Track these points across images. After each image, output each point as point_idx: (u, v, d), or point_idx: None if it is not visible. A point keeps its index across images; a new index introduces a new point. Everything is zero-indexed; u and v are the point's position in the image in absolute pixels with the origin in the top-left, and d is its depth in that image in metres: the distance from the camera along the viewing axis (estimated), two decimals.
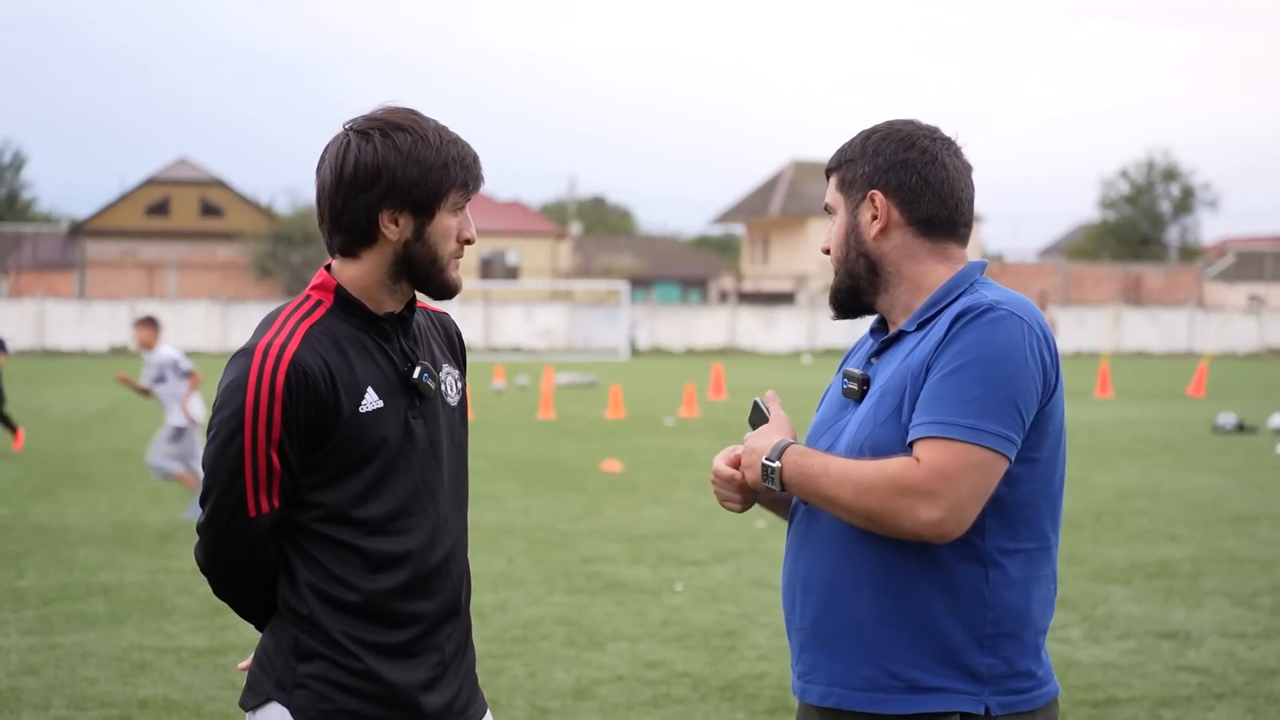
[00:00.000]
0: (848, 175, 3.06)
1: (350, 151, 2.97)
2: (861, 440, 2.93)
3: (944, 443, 2.81)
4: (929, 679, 2.88)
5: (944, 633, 2.88)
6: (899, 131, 3.05)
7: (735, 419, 24.83)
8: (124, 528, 12.64)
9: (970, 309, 2.89)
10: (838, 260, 3.08)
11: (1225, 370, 45.73)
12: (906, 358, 2.94)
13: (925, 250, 3.02)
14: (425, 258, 3.01)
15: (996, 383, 2.83)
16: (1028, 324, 2.88)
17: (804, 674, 3.02)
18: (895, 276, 3.03)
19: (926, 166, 3.02)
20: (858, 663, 2.93)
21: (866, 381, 3.02)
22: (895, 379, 2.93)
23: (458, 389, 3.17)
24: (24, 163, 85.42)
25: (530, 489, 15.44)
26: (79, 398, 29.71)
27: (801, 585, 3.01)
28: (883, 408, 2.92)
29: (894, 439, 2.89)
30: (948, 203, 3.02)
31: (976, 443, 2.80)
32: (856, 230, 3.04)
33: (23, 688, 7.44)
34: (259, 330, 2.98)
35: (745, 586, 10.12)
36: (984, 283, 3.01)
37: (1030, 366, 2.86)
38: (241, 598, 3.08)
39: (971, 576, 2.88)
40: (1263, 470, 17.38)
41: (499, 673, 7.75)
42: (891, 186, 3.01)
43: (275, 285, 62.28)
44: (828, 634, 2.96)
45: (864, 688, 2.92)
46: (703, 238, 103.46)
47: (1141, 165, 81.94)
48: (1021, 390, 2.84)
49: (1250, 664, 7.97)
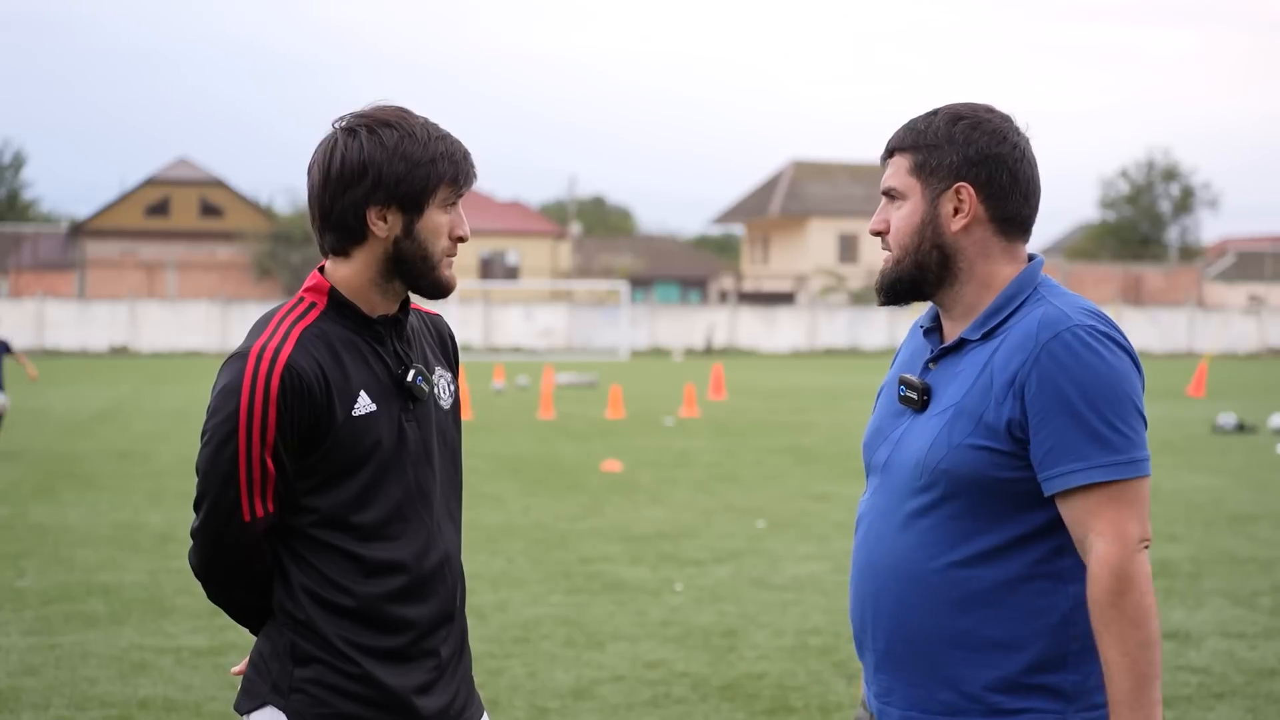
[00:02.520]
0: (931, 161, 2.89)
1: (337, 149, 2.96)
2: (936, 461, 2.82)
3: (1108, 487, 2.74)
4: (1010, 701, 2.81)
5: (1026, 653, 2.80)
6: (989, 121, 2.90)
7: (735, 419, 24.84)
8: (124, 528, 12.63)
9: (1055, 332, 2.78)
10: (906, 249, 2.92)
11: (1225, 370, 45.72)
12: (980, 375, 2.83)
13: (999, 249, 2.91)
14: (416, 255, 2.99)
15: (1121, 407, 2.76)
16: (1108, 333, 2.80)
17: (880, 695, 2.94)
18: (967, 273, 2.90)
19: (1018, 164, 2.89)
20: (936, 687, 2.85)
21: (928, 391, 2.90)
22: (971, 400, 2.82)
23: (450, 392, 3.16)
24: (24, 163, 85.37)
25: (530, 489, 15.43)
26: (79, 398, 29.70)
27: (873, 606, 2.92)
28: (958, 430, 2.81)
29: (972, 461, 2.80)
30: (1030, 201, 2.92)
31: (1136, 476, 2.76)
32: (936, 221, 2.89)
33: (23, 688, 7.44)
34: (252, 333, 2.97)
35: (745, 586, 10.12)
36: (1048, 286, 2.90)
37: (1132, 373, 2.81)
38: (236, 602, 3.08)
39: (1053, 595, 2.81)
40: (1263, 470, 17.38)
41: (499, 673, 7.75)
42: (981, 181, 2.87)
43: (275, 285, 62.29)
44: (902, 656, 2.88)
45: (943, 711, 2.84)
46: (703, 238, 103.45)
47: (1141, 165, 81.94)
48: (1139, 399, 2.80)
49: (1250, 664, 7.97)
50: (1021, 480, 2.79)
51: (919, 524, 2.85)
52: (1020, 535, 2.81)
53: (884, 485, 2.93)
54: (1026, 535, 2.81)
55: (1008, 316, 2.86)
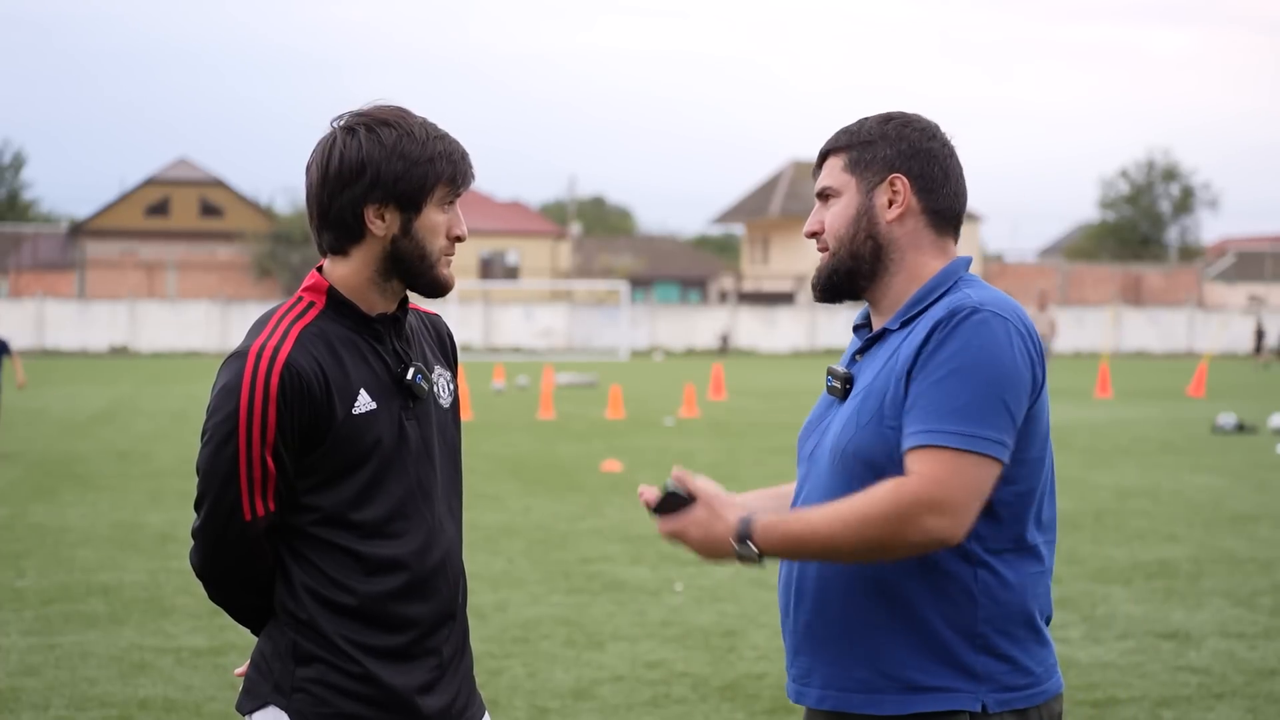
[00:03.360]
0: (865, 156, 2.99)
1: (335, 148, 2.97)
2: (844, 444, 2.91)
3: (940, 451, 2.79)
4: (925, 679, 2.88)
5: (937, 633, 2.87)
6: (919, 120, 3.03)
7: (735, 419, 24.84)
8: (124, 528, 12.63)
9: (954, 312, 2.86)
10: (841, 241, 3.01)
11: (1225, 370, 45.71)
12: (890, 358, 2.92)
13: (930, 241, 3.00)
14: (414, 254, 3.00)
15: (986, 387, 2.81)
16: (1011, 323, 2.86)
17: (799, 677, 3.02)
18: (898, 264, 2.99)
19: (948, 160, 3.02)
20: (852, 665, 2.92)
21: (850, 380, 3.00)
22: (879, 381, 2.91)
23: (450, 390, 3.16)
24: (24, 163, 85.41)
25: (530, 489, 15.43)
26: (79, 398, 29.71)
27: (795, 589, 3.00)
28: (865, 410, 2.90)
29: (876, 443, 2.87)
30: (960, 198, 3.03)
31: (973, 450, 2.79)
32: (870, 212, 2.99)
33: (23, 688, 7.43)
34: (251, 333, 2.97)
35: (745, 586, 10.12)
36: (968, 280, 2.98)
37: (1019, 367, 2.84)
38: (237, 602, 3.08)
39: (961, 576, 2.87)
40: (1263, 470, 17.37)
41: (499, 673, 7.75)
42: (915, 173, 2.98)
43: (275, 285, 62.30)
44: (821, 637, 2.95)
45: (860, 689, 2.91)
46: (703, 238, 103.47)
47: (1141, 165, 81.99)
48: (1012, 392, 2.83)
49: (1250, 664, 7.96)
50: None
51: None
52: None
53: (810, 473, 3.02)
54: None
55: (927, 307, 2.95)
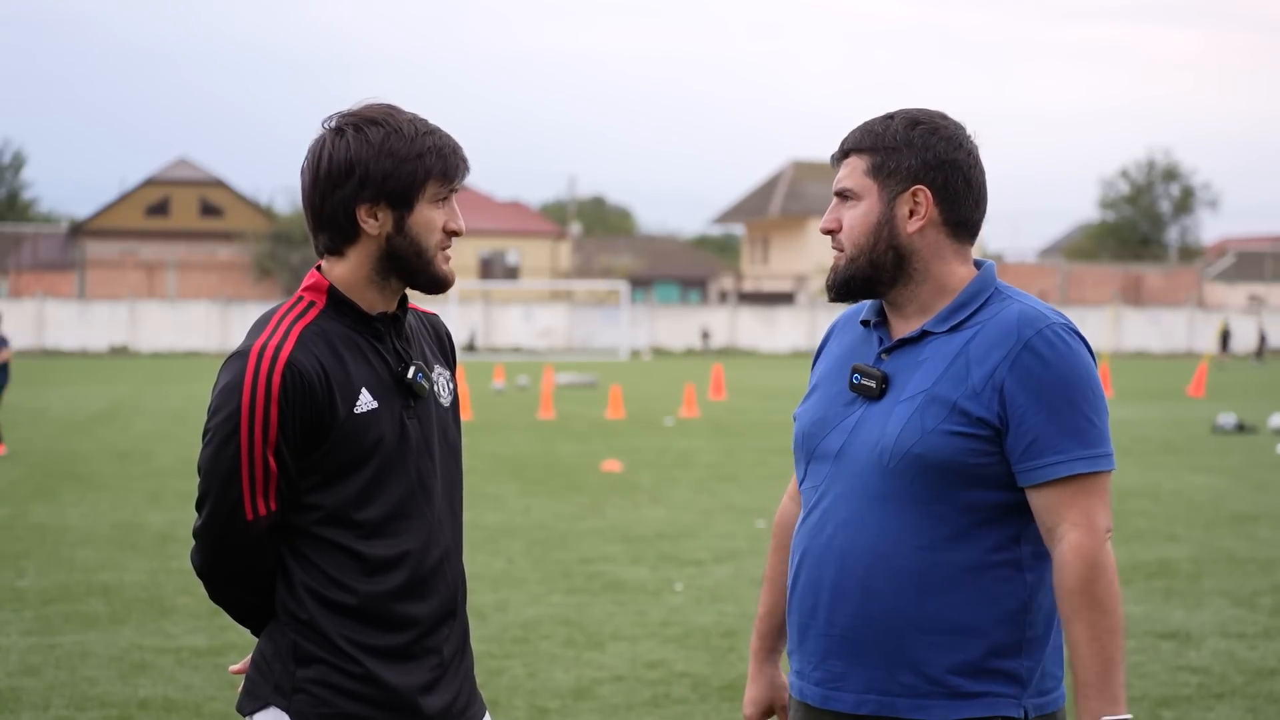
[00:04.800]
0: (889, 163, 2.96)
1: (325, 149, 2.97)
2: (908, 446, 2.87)
3: (1082, 479, 2.89)
4: (971, 685, 2.88)
5: (987, 638, 2.88)
6: (945, 128, 2.98)
7: (735, 419, 24.84)
8: (124, 528, 12.63)
9: (1034, 328, 2.89)
10: (861, 248, 2.98)
11: (1225, 370, 45.70)
12: (953, 362, 2.90)
13: (951, 250, 2.99)
14: (409, 251, 2.99)
15: (1094, 403, 2.91)
16: (1079, 334, 2.96)
17: (826, 681, 2.97)
18: (921, 273, 2.97)
19: (971, 170, 2.98)
20: (898, 669, 2.90)
21: (886, 379, 2.95)
22: (944, 386, 2.89)
23: (450, 389, 3.16)
24: (24, 163, 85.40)
25: (530, 489, 15.43)
26: (79, 398, 29.71)
27: (831, 590, 2.95)
28: (930, 416, 2.88)
29: (944, 446, 2.86)
30: (981, 207, 3.02)
31: (1104, 470, 2.92)
32: (892, 222, 2.96)
33: (23, 688, 7.43)
34: (252, 332, 2.97)
35: (745, 586, 10.12)
36: (1008, 287, 3.01)
37: (1098, 378, 2.98)
38: (238, 602, 3.07)
39: (1013, 582, 2.89)
40: (1263, 470, 17.38)
41: (499, 673, 7.75)
42: (938, 185, 2.95)
43: (275, 285, 62.30)
44: (864, 640, 2.92)
45: (905, 694, 2.90)
46: (702, 238, 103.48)
47: (1141, 165, 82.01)
48: (1103, 402, 2.95)
49: (1250, 664, 7.97)
50: (987, 465, 2.88)
51: (885, 508, 2.91)
52: (982, 520, 2.89)
53: (840, 472, 2.97)
54: (988, 520, 2.90)
55: (975, 311, 2.95)
